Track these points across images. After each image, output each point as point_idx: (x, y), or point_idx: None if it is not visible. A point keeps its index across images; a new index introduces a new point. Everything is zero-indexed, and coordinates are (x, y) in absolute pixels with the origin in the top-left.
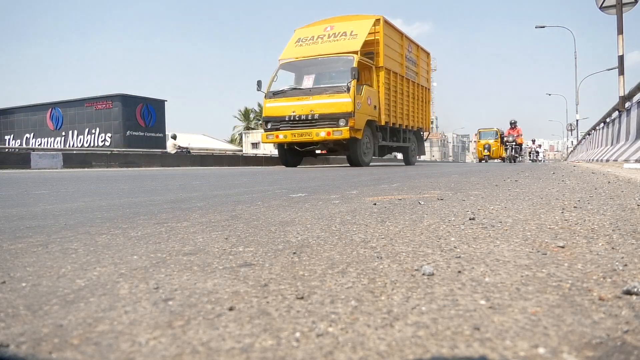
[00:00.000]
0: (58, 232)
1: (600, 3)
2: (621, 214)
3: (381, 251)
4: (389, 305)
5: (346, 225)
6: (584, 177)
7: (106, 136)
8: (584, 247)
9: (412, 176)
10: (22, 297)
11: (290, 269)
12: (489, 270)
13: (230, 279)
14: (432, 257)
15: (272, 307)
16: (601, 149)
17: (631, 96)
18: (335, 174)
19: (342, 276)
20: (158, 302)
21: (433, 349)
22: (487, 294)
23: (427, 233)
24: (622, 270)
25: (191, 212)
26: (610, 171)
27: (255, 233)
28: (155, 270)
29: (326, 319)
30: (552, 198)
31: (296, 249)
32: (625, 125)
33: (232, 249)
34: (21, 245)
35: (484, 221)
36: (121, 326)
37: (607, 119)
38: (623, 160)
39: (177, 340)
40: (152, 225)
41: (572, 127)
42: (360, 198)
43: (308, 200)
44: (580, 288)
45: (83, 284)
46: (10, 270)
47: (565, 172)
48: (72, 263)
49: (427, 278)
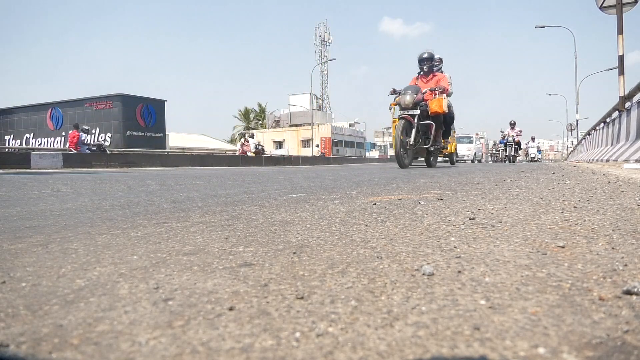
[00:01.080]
0: (58, 232)
1: (600, 3)
2: (621, 214)
3: (381, 251)
4: (389, 305)
5: (346, 225)
6: (584, 177)
7: (106, 136)
8: (584, 247)
9: (412, 176)
10: (22, 297)
11: (290, 269)
12: (489, 270)
13: (230, 279)
14: (432, 257)
15: (272, 307)
16: (601, 149)
17: (631, 96)
18: (335, 174)
19: (342, 276)
20: (158, 302)
21: (433, 349)
22: (487, 294)
23: (427, 233)
24: (622, 270)
25: (191, 212)
26: (611, 171)
27: (255, 233)
28: (155, 270)
29: (326, 319)
30: (552, 198)
31: (296, 249)
32: (625, 125)
33: (232, 249)
34: (21, 245)
35: (484, 221)
36: (121, 326)
37: (607, 119)
38: (623, 160)
39: (177, 340)
40: (152, 225)
41: (572, 127)
42: (360, 198)
43: (308, 200)
44: (580, 288)
45: (83, 284)
46: (10, 270)
47: (565, 172)
48: (72, 263)
49: (427, 278)
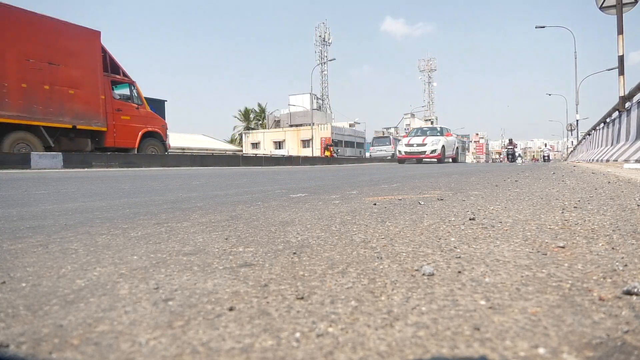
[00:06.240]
0: (58, 232)
1: (600, 3)
2: (621, 214)
3: (381, 251)
4: (389, 306)
5: (346, 225)
6: (584, 177)
7: None
8: (584, 247)
9: (412, 176)
10: (22, 297)
11: (290, 269)
12: (489, 271)
13: (230, 279)
14: (432, 258)
15: (272, 307)
16: (601, 149)
17: (631, 96)
18: (335, 174)
19: (342, 276)
20: (158, 302)
21: (433, 349)
22: (487, 294)
23: (427, 233)
24: (622, 270)
25: (191, 212)
26: (611, 171)
27: (255, 233)
28: (155, 270)
29: (326, 319)
30: (552, 198)
31: (296, 249)
32: (625, 126)
33: (232, 249)
34: (21, 245)
35: (484, 221)
36: (121, 326)
37: (607, 119)
38: (623, 160)
39: (177, 340)
40: (152, 226)
41: (572, 127)
42: (360, 198)
43: (308, 201)
44: (580, 288)
45: (83, 284)
46: (10, 270)
47: (565, 172)
48: (72, 263)
49: (427, 278)
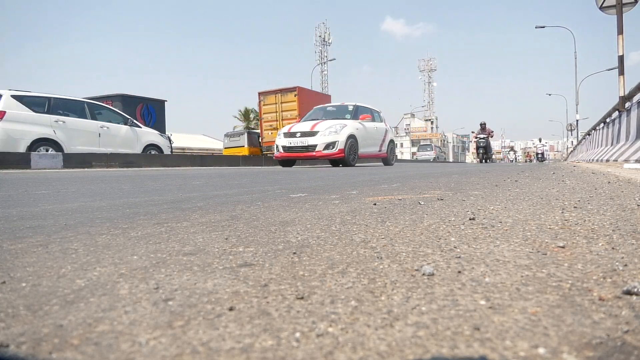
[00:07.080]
0: (58, 232)
1: (600, 3)
2: (621, 214)
3: (381, 251)
4: (389, 306)
5: (346, 225)
6: (584, 177)
7: None
8: (584, 247)
9: (412, 176)
10: (22, 297)
11: (290, 269)
12: (489, 271)
13: (230, 279)
14: (432, 257)
15: (272, 307)
16: (601, 149)
17: (631, 96)
18: (335, 174)
19: (342, 276)
20: (158, 302)
21: (433, 349)
22: (487, 294)
23: (427, 233)
24: (622, 270)
25: (191, 212)
26: (611, 171)
27: (255, 233)
28: (155, 270)
29: (326, 319)
30: (552, 198)
31: (296, 249)
32: (625, 126)
33: (232, 249)
34: (21, 245)
35: (484, 221)
36: (121, 326)
37: (607, 119)
38: (623, 160)
39: (177, 340)
40: (152, 226)
41: (572, 127)
42: (360, 198)
43: (308, 201)
44: (580, 288)
45: (83, 284)
46: (10, 270)
47: (565, 172)
48: (72, 263)
49: (427, 278)
